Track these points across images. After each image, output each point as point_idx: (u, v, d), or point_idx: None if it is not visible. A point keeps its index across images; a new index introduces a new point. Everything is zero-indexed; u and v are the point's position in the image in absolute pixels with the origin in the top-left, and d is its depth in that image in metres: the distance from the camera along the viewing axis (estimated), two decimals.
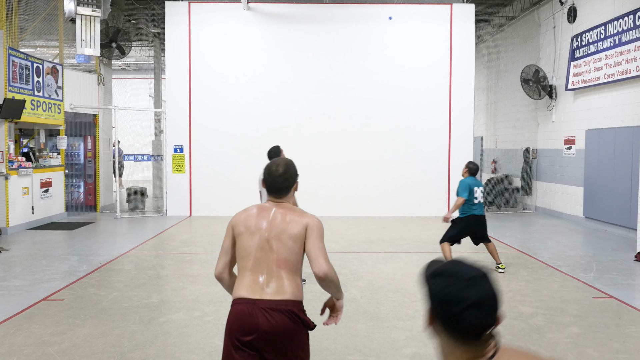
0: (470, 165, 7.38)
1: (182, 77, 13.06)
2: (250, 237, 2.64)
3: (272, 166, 2.78)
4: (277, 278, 2.58)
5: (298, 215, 2.67)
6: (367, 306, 5.77)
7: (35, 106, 10.97)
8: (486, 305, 1.34)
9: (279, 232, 2.62)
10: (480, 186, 7.28)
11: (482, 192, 7.30)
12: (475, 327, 1.33)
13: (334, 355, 4.41)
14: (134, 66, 23.28)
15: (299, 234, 2.62)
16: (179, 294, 6.18)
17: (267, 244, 2.61)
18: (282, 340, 2.52)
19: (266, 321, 2.51)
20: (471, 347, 1.35)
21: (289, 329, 2.53)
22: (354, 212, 12.99)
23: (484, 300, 1.33)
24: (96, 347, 4.53)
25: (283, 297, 2.55)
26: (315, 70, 13.10)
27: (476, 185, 7.22)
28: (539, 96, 13.34)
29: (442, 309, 1.35)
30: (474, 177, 7.33)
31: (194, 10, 13.02)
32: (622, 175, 10.45)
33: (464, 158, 13.13)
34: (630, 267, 7.65)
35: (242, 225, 2.68)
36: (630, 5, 10.14)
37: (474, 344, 1.35)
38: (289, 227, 2.62)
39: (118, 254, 8.44)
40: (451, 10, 13.04)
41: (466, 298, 1.32)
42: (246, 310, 2.54)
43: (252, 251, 2.62)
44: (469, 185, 7.15)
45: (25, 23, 12.37)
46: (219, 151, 13.08)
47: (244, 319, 2.53)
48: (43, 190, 11.45)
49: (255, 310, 2.52)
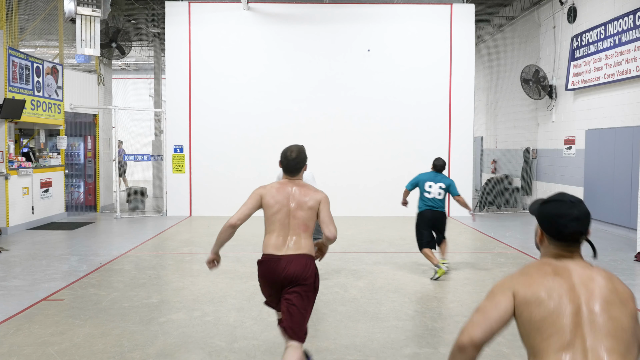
0: (435, 162, 7.30)
1: (182, 77, 13.06)
2: (278, 208, 3.53)
3: (287, 152, 3.65)
4: (297, 237, 3.52)
5: (312, 192, 3.58)
6: (367, 306, 5.77)
7: (35, 106, 10.97)
8: (583, 219, 1.98)
9: (299, 204, 3.52)
10: (439, 182, 7.12)
11: (442, 188, 7.12)
12: (575, 234, 1.96)
13: (334, 355, 4.41)
14: (134, 66, 23.28)
15: (314, 205, 3.54)
16: (179, 294, 6.18)
17: (290, 213, 3.52)
18: (300, 277, 3.47)
19: (288, 268, 3.45)
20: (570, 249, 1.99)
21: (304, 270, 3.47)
22: (354, 212, 12.98)
23: (582, 215, 1.97)
24: (96, 347, 4.53)
25: (301, 251, 3.50)
26: (315, 70, 13.10)
27: (430, 180, 7.14)
28: (539, 96, 13.35)
29: (553, 223, 1.97)
30: (434, 173, 7.24)
31: (194, 10, 13.02)
32: (622, 175, 10.44)
33: (464, 158, 13.15)
34: (630, 267, 7.64)
35: (271, 198, 3.55)
36: (630, 5, 10.14)
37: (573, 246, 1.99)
38: (307, 200, 3.53)
39: (118, 254, 8.44)
40: (451, 10, 13.04)
41: (570, 214, 1.96)
42: (273, 264, 3.48)
43: (279, 218, 3.52)
44: (417, 178, 7.23)
45: (25, 23, 12.37)
46: (219, 151, 13.08)
47: (272, 269, 3.49)
48: (43, 190, 11.45)
49: (280, 263, 3.46)
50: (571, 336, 1.84)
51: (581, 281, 1.91)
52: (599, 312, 1.85)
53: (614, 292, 1.89)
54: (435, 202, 7.13)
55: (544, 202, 2.04)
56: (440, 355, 4.42)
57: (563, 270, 1.95)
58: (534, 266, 2.00)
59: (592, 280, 1.92)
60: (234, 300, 5.95)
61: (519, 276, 1.97)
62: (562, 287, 1.89)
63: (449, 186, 7.15)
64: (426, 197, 7.13)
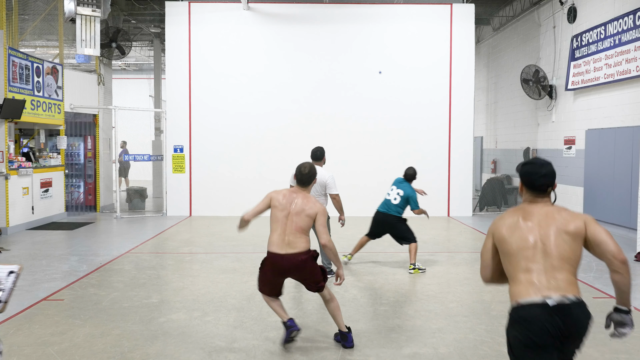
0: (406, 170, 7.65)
1: (182, 77, 13.06)
2: (281, 210, 4.39)
3: (301, 167, 4.54)
4: (294, 237, 4.35)
5: (312, 203, 4.41)
6: (367, 306, 5.77)
7: (35, 106, 10.97)
8: (549, 176, 2.73)
9: (299, 210, 4.37)
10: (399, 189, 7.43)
11: (399, 195, 7.37)
12: (542, 186, 2.73)
13: (334, 355, 4.41)
14: (134, 66, 23.27)
15: (313, 214, 4.37)
16: (179, 294, 6.18)
17: (290, 216, 4.37)
18: (300, 268, 4.39)
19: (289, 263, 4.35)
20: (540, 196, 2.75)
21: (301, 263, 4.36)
22: (354, 212, 12.97)
23: (549, 173, 2.73)
24: (96, 347, 4.53)
25: (297, 250, 4.35)
26: (315, 70, 13.10)
27: (394, 184, 7.59)
28: (539, 96, 13.34)
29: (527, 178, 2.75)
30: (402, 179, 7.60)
31: (194, 10, 13.02)
32: (622, 175, 10.44)
33: (464, 158, 13.15)
34: (631, 267, 7.64)
35: (277, 202, 4.42)
36: (630, 5, 10.14)
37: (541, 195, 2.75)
38: (307, 209, 4.37)
39: (118, 254, 8.44)
40: (451, 10, 13.04)
41: (540, 172, 2.73)
42: (276, 260, 4.37)
43: (280, 219, 4.38)
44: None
45: (25, 23, 12.37)
46: (219, 151, 13.07)
47: (275, 265, 4.40)
48: (43, 190, 11.45)
49: (282, 260, 4.35)
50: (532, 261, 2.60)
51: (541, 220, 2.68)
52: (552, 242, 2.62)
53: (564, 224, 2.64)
54: (389, 206, 7.41)
55: (524, 164, 2.86)
56: (440, 355, 4.42)
57: (530, 213, 2.73)
58: (511, 210, 2.81)
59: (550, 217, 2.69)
60: (234, 300, 5.95)
61: (497, 221, 2.80)
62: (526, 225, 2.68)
63: (407, 197, 7.38)
64: (385, 198, 7.53)
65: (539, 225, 2.64)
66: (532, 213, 2.70)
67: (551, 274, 2.55)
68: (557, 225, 2.62)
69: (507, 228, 2.68)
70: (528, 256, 2.60)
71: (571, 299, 2.53)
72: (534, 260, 2.58)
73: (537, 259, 2.58)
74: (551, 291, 2.52)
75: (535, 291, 2.53)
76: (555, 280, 2.54)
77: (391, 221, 7.41)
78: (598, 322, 5.20)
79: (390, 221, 7.41)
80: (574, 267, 2.62)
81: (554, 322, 2.49)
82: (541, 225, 2.64)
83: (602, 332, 4.96)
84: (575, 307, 2.54)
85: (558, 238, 2.60)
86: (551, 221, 2.64)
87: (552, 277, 2.55)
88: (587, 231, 2.63)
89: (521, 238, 2.63)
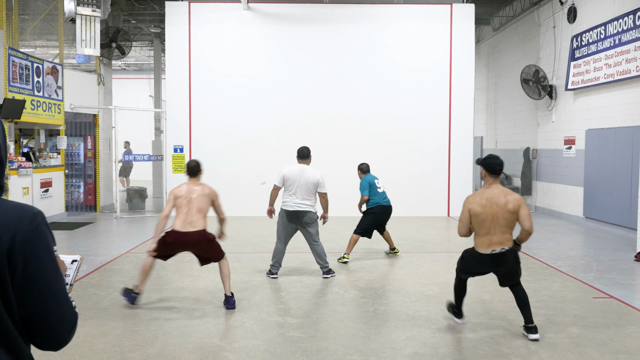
0: (362, 167, 8.17)
1: (182, 77, 13.05)
2: (183, 198, 5.56)
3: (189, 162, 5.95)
4: (196, 218, 5.50)
5: (208, 189, 5.67)
6: (367, 306, 5.78)
7: (35, 106, 10.97)
8: (502, 163, 4.67)
9: (198, 195, 5.57)
10: (376, 179, 7.99)
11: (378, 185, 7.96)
12: (499, 171, 4.64)
13: (334, 355, 4.41)
14: (134, 66, 23.27)
15: (209, 195, 5.62)
16: (179, 294, 6.18)
17: (190, 201, 5.54)
18: (199, 244, 5.54)
19: (190, 239, 5.48)
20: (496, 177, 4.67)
21: (200, 239, 5.50)
22: (354, 212, 12.97)
23: (501, 162, 4.67)
24: (96, 347, 4.53)
25: (198, 228, 5.50)
26: (315, 70, 13.10)
27: (375, 179, 7.96)
28: (539, 96, 13.34)
29: (490, 166, 4.61)
30: (370, 174, 8.08)
31: (194, 10, 13.02)
32: (622, 175, 10.44)
33: (464, 158, 13.15)
34: (630, 267, 7.65)
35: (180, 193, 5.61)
36: (630, 5, 10.14)
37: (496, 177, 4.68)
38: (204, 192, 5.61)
39: (118, 254, 8.44)
40: (451, 10, 13.04)
41: (497, 162, 4.64)
42: (179, 236, 5.50)
43: (184, 204, 5.55)
44: (368, 183, 7.89)
45: (25, 23, 12.36)
46: (219, 151, 13.07)
47: (177, 240, 5.51)
48: (43, 190, 11.45)
49: (184, 236, 5.47)
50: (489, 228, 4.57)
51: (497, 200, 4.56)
52: (500, 216, 4.55)
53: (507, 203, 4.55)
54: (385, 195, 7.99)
55: (485, 158, 4.71)
56: (440, 355, 4.42)
57: (490, 194, 4.60)
58: (478, 192, 4.68)
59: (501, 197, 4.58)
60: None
61: (471, 199, 4.65)
62: (487, 203, 4.56)
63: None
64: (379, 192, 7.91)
65: (496, 205, 4.56)
66: (491, 195, 4.60)
67: (499, 235, 4.60)
68: (503, 206, 4.57)
69: (478, 206, 4.60)
70: (488, 225, 4.59)
71: (506, 249, 4.63)
72: (491, 227, 4.60)
73: (492, 226, 4.59)
74: (496, 245, 4.62)
75: (487, 247, 4.64)
76: (500, 238, 4.61)
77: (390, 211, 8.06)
78: (600, 323, 5.22)
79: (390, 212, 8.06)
80: (512, 230, 4.67)
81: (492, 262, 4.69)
82: (497, 205, 4.56)
83: (602, 332, 4.97)
84: (508, 252, 4.65)
85: (503, 214, 4.57)
86: (501, 202, 4.56)
87: (499, 236, 4.60)
88: (520, 210, 4.59)
89: (485, 214, 4.57)
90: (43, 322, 1.45)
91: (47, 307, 1.45)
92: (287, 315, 5.42)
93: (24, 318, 1.44)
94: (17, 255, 1.40)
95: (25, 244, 1.42)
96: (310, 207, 6.78)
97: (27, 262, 1.42)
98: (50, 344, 1.50)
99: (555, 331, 4.98)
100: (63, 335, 1.50)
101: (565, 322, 5.23)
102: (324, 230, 10.83)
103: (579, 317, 5.41)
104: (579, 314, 5.49)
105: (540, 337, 4.80)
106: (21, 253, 1.41)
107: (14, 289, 1.42)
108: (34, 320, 1.45)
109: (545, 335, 4.86)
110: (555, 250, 8.82)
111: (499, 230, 4.55)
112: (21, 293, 1.42)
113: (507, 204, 4.51)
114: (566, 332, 4.97)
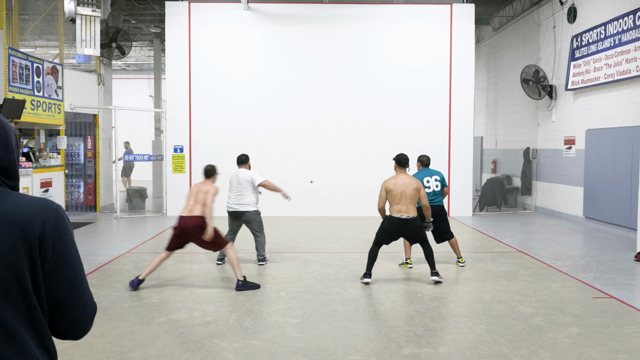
0: (422, 158, 7.65)
1: (182, 77, 13.06)
2: (190, 193, 6.51)
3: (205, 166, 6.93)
4: (195, 207, 6.31)
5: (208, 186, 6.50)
6: (367, 306, 5.77)
7: (35, 106, 10.97)
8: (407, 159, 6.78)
9: (198, 191, 6.42)
10: (434, 175, 7.44)
11: (437, 180, 7.38)
12: (404, 163, 6.70)
13: (334, 355, 4.41)
14: (134, 66, 23.28)
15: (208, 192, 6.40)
16: (179, 294, 6.19)
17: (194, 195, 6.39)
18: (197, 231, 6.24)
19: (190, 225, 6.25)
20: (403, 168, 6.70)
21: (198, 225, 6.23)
22: (354, 212, 12.99)
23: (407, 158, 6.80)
24: (96, 347, 4.53)
25: (197, 214, 6.27)
26: (315, 70, 13.10)
27: (428, 175, 7.41)
28: (539, 96, 13.34)
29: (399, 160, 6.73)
30: (427, 169, 7.56)
31: (194, 10, 13.02)
32: (622, 175, 10.44)
33: (464, 158, 13.15)
34: (630, 267, 7.65)
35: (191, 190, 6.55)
36: (630, 5, 10.14)
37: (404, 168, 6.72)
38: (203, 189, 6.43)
39: (118, 254, 8.44)
40: (451, 10, 13.04)
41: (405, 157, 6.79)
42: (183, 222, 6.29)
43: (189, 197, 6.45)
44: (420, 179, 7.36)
45: (25, 23, 12.37)
46: (219, 151, 13.06)
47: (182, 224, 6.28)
48: (43, 190, 11.45)
49: (187, 220, 6.27)
50: (399, 200, 6.46)
51: (403, 182, 6.51)
52: (407, 192, 6.45)
53: (411, 184, 6.48)
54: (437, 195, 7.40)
55: (397, 155, 6.74)
56: (440, 355, 4.42)
57: (399, 178, 6.57)
58: (392, 177, 6.63)
59: (407, 180, 6.54)
60: (234, 300, 5.95)
61: (386, 181, 6.58)
62: (397, 184, 6.50)
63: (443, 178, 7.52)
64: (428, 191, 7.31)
65: (404, 184, 6.45)
66: (400, 179, 6.52)
67: (405, 205, 6.42)
68: (408, 185, 6.44)
69: (392, 185, 6.48)
70: (398, 198, 6.43)
71: (410, 216, 6.42)
72: (400, 200, 6.42)
73: (401, 199, 6.41)
74: (403, 213, 6.42)
75: (398, 213, 6.44)
76: (407, 208, 6.42)
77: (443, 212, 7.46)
78: (600, 323, 5.22)
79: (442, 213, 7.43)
80: (414, 204, 6.47)
81: (400, 224, 6.45)
82: (404, 184, 6.45)
83: (602, 332, 4.97)
84: (410, 220, 6.43)
85: (409, 191, 6.42)
86: (408, 183, 6.46)
87: (406, 206, 6.42)
88: (420, 191, 6.51)
89: (396, 190, 6.43)
90: (68, 307, 1.53)
91: (72, 294, 1.53)
92: (287, 315, 5.42)
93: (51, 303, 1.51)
94: (47, 241, 1.49)
95: (54, 230, 1.51)
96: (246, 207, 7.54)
97: (55, 247, 1.51)
98: (73, 332, 1.57)
99: (555, 331, 4.98)
100: (85, 322, 1.57)
101: (565, 322, 5.24)
102: (324, 231, 10.84)
103: (579, 317, 5.41)
104: (579, 314, 5.49)
105: (540, 337, 4.80)
106: (50, 239, 1.50)
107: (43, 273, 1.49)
108: (60, 306, 1.52)
109: (545, 335, 4.86)
110: (555, 250, 8.82)
111: (405, 202, 6.39)
112: (49, 278, 1.50)
113: (411, 184, 6.44)
114: (566, 332, 4.97)
